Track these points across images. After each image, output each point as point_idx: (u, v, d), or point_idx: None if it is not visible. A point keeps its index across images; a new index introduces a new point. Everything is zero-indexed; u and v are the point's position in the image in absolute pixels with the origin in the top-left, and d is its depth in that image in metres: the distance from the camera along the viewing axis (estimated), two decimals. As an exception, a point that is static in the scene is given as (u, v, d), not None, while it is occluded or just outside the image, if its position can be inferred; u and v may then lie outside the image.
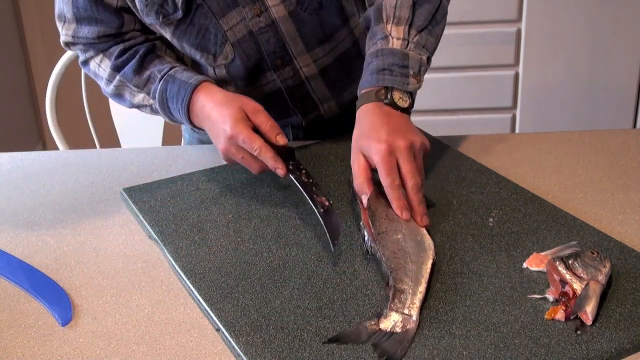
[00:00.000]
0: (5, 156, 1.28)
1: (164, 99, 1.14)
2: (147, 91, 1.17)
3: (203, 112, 1.09)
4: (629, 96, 2.60)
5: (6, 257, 0.98)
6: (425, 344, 0.76)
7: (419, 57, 1.05)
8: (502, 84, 2.59)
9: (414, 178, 0.95)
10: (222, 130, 1.03)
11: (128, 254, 0.97)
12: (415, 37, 1.06)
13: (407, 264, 0.86)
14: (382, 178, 0.95)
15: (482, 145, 1.22)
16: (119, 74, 1.18)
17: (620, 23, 2.49)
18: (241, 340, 0.78)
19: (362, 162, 0.98)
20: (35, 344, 0.81)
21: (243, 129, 1.01)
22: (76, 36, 1.19)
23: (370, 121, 1.01)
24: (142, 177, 1.18)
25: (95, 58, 1.21)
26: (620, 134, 1.24)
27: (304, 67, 1.22)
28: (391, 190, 0.95)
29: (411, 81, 1.04)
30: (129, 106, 1.22)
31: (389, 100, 1.02)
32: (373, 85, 1.04)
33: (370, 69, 1.05)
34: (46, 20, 3.06)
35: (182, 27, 1.15)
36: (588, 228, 0.95)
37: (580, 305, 0.78)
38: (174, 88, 1.13)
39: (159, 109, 1.16)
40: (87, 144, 1.66)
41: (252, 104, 1.05)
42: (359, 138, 1.00)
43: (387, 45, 1.05)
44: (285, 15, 1.16)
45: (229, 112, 1.04)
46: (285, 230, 0.99)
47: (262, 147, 1.01)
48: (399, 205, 0.94)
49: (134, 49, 1.18)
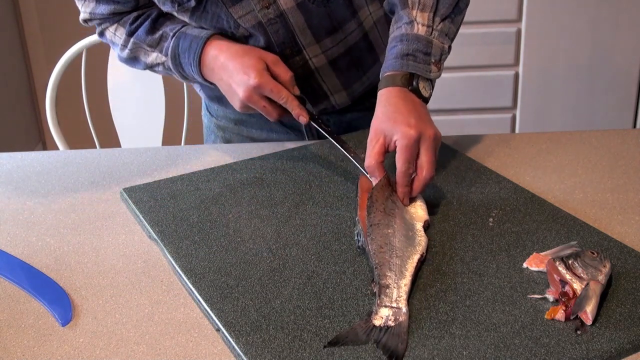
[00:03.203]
0: (5, 156, 1.28)
1: (176, 54, 1.18)
2: (160, 49, 1.21)
3: (216, 63, 1.13)
4: (629, 96, 2.60)
5: (6, 257, 0.98)
6: (425, 344, 0.76)
7: (441, 45, 1.07)
8: (502, 84, 2.59)
9: (429, 171, 0.97)
10: (244, 79, 1.09)
11: (128, 254, 0.97)
12: (439, 25, 1.07)
13: (392, 259, 0.87)
14: (400, 162, 0.97)
15: (482, 145, 1.22)
16: (133, 37, 1.23)
17: (620, 23, 2.49)
18: (241, 340, 0.78)
19: (380, 144, 0.99)
20: (35, 344, 0.81)
21: (269, 79, 1.09)
22: (93, 12, 1.24)
23: (394, 104, 1.02)
24: (142, 177, 1.18)
25: (110, 27, 1.26)
26: (620, 134, 1.24)
27: (313, 57, 1.23)
28: (403, 177, 0.97)
29: (432, 69, 1.05)
30: (143, 67, 1.26)
31: (413, 87, 1.04)
32: (397, 69, 1.05)
33: (394, 53, 1.06)
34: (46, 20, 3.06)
35: (197, 14, 1.18)
36: (588, 228, 0.95)
37: (580, 305, 0.78)
38: (185, 43, 1.17)
39: (171, 66, 1.20)
40: (87, 144, 1.66)
41: (270, 55, 1.12)
42: (383, 120, 1.01)
43: (412, 30, 1.06)
44: (293, 7, 1.17)
45: (251, 62, 1.10)
46: (285, 230, 0.99)
47: (288, 97, 1.10)
48: (405, 192, 0.97)
49: (146, 14, 1.23)
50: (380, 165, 0.99)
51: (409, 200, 0.98)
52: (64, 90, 1.73)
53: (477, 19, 2.47)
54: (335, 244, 0.95)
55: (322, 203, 1.05)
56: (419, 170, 0.97)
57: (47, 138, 3.23)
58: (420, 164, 0.97)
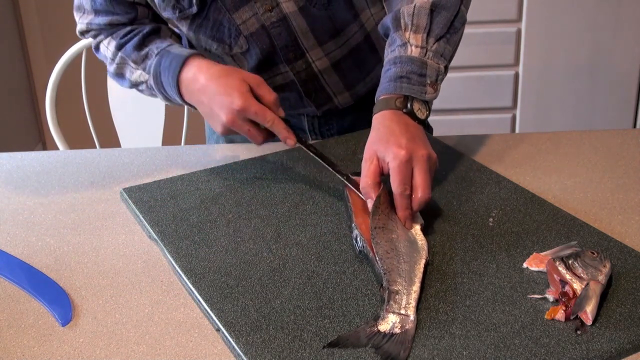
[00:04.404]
0: (5, 156, 1.28)
1: (158, 72, 1.14)
2: (143, 67, 1.18)
3: (196, 85, 1.08)
4: (629, 96, 2.60)
5: (6, 257, 0.98)
6: (425, 344, 0.76)
7: (436, 66, 1.04)
8: (502, 84, 2.59)
9: (425, 192, 0.94)
10: (226, 102, 1.03)
11: (128, 254, 0.97)
12: (434, 46, 1.05)
13: (400, 264, 0.86)
14: (394, 184, 0.94)
15: (482, 145, 1.22)
16: (121, 51, 1.20)
17: (620, 23, 2.49)
18: (241, 340, 0.78)
19: (374, 165, 0.97)
20: (35, 344, 0.81)
21: (253, 102, 1.03)
22: (90, 23, 1.23)
23: (388, 127, 0.99)
24: (142, 177, 1.18)
25: (104, 41, 1.24)
26: (620, 134, 1.24)
27: (316, 60, 1.23)
28: (401, 199, 0.94)
29: (428, 90, 1.03)
30: (128, 86, 1.23)
31: (408, 109, 1.02)
32: (391, 92, 1.03)
33: (388, 76, 1.04)
34: (46, 20, 3.06)
35: (198, 21, 1.17)
36: (588, 228, 0.95)
37: (580, 305, 0.78)
38: (166, 61, 1.13)
39: (153, 85, 1.16)
40: (87, 144, 1.66)
41: (253, 76, 1.07)
42: (376, 142, 0.99)
43: (405, 52, 1.04)
44: (295, 11, 1.17)
45: (234, 83, 1.04)
46: (285, 230, 0.99)
47: (274, 119, 1.03)
48: (405, 215, 0.94)
49: (138, 29, 1.20)
50: (376, 185, 0.96)
51: (411, 223, 0.94)
52: (64, 90, 1.73)
53: (477, 19, 2.47)
54: (335, 244, 0.95)
55: (322, 203, 1.05)
56: (414, 192, 0.94)
57: (47, 138, 3.23)
58: (415, 185, 0.94)
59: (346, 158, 1.18)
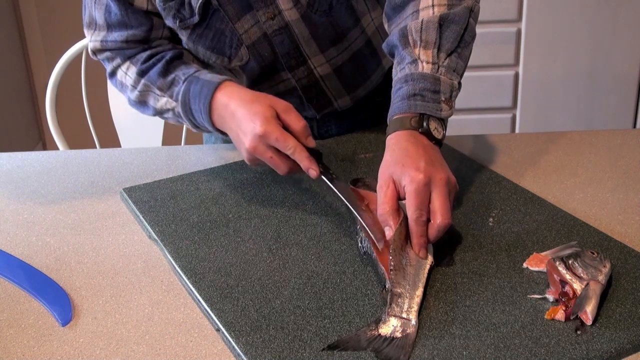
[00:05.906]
0: (5, 156, 1.28)
1: (187, 100, 1.09)
2: (170, 94, 1.13)
3: (227, 111, 1.04)
4: (629, 96, 2.60)
5: (6, 257, 0.98)
6: (425, 344, 0.76)
7: (450, 81, 0.99)
8: (502, 84, 2.59)
9: (445, 217, 0.88)
10: (250, 127, 0.98)
11: (128, 254, 0.97)
12: (445, 61, 1.00)
13: (407, 267, 0.86)
14: (410, 209, 0.88)
15: (482, 145, 1.22)
16: (144, 78, 1.15)
17: (620, 23, 2.48)
18: (241, 340, 0.78)
19: (391, 190, 0.91)
20: (35, 344, 0.81)
21: (276, 128, 0.97)
22: (105, 41, 1.17)
23: (404, 149, 0.94)
24: (142, 177, 1.18)
25: (122, 66, 1.19)
26: (620, 134, 1.24)
27: (318, 66, 1.22)
28: (416, 226, 0.88)
29: (443, 107, 0.98)
30: (152, 113, 1.18)
31: (424, 129, 0.96)
32: (404, 111, 0.97)
33: (400, 95, 0.99)
34: (46, 20, 3.06)
35: (199, 31, 1.15)
36: (588, 228, 0.95)
37: (580, 305, 0.78)
38: (196, 88, 1.08)
39: (181, 112, 1.11)
40: (87, 144, 1.66)
41: (282, 102, 1.01)
42: (391, 165, 0.93)
43: (416, 69, 0.99)
44: (297, 18, 1.16)
45: (259, 109, 0.99)
46: (285, 230, 0.99)
47: (296, 147, 0.97)
48: (420, 242, 0.88)
49: (160, 54, 1.16)
50: (394, 212, 0.90)
51: (426, 252, 0.88)
52: (64, 90, 1.73)
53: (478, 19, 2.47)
54: (335, 244, 0.95)
55: (322, 203, 1.05)
56: (433, 217, 0.88)
57: (47, 138, 3.23)
58: (434, 210, 0.88)
59: (346, 158, 1.18)
